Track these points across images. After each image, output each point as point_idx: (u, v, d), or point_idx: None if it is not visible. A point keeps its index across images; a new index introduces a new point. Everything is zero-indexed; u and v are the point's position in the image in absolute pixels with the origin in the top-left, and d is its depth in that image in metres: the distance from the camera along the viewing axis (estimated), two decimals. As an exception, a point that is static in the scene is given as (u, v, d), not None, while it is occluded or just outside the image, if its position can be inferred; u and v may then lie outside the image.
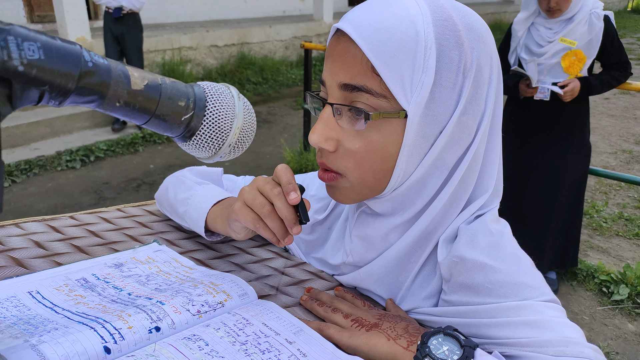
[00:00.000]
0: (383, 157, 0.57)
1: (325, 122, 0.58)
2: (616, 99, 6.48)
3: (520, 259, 0.59)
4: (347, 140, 0.57)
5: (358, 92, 0.55)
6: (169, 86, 0.46)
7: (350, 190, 0.60)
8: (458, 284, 0.59)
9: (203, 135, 0.51)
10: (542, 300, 0.56)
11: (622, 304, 2.42)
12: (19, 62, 0.34)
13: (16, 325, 0.55)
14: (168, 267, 0.74)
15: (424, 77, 0.53)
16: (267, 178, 0.63)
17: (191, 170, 0.87)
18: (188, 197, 0.79)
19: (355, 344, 0.57)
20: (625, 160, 4.44)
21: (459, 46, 0.54)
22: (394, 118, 0.55)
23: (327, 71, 0.58)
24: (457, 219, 0.61)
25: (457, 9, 0.56)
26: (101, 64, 0.40)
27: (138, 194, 3.66)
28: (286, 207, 0.59)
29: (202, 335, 0.57)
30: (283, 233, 0.61)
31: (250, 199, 0.61)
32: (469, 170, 0.59)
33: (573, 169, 2.32)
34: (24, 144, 4.40)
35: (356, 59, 0.54)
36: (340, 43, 0.56)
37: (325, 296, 0.68)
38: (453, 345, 0.51)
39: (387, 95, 0.54)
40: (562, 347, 0.52)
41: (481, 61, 0.56)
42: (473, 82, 0.56)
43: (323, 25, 8.29)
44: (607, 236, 3.08)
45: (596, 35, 2.12)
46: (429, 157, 0.57)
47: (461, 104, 0.56)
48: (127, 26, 4.65)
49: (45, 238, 0.80)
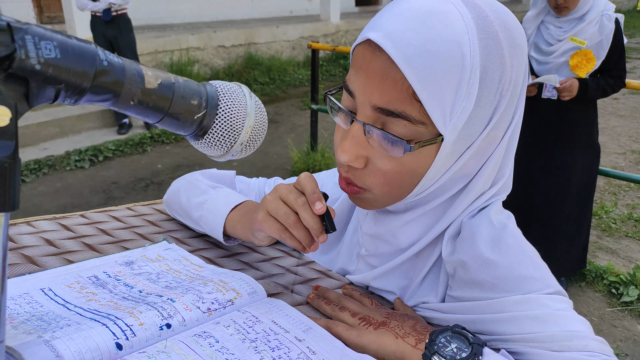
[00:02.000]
0: (412, 176, 0.56)
1: (355, 140, 0.55)
2: (625, 99, 6.42)
3: (523, 251, 0.59)
4: (377, 159, 0.56)
5: (395, 118, 0.52)
6: (182, 85, 0.47)
7: (373, 201, 0.60)
8: (463, 280, 0.59)
9: (215, 134, 0.51)
10: (546, 292, 0.55)
11: (631, 305, 2.40)
12: (36, 61, 0.35)
13: (29, 322, 0.55)
14: (178, 265, 0.74)
15: (465, 102, 0.51)
16: (289, 186, 0.62)
17: (203, 173, 0.86)
18: (202, 202, 0.78)
19: (363, 343, 0.57)
20: (635, 160, 4.41)
21: (501, 66, 0.52)
22: (432, 145, 0.53)
23: (359, 86, 0.54)
24: (463, 214, 0.62)
25: (501, 20, 0.52)
26: (116, 63, 0.41)
27: (146, 193, 3.68)
28: (312, 217, 0.58)
29: (213, 332, 0.58)
30: (309, 241, 0.60)
31: (274, 209, 0.61)
32: (488, 177, 0.60)
33: (582, 169, 2.31)
34: (33, 144, 4.44)
35: (396, 84, 0.50)
36: (378, 60, 0.51)
37: (332, 294, 0.68)
38: (461, 343, 0.51)
39: (425, 121, 0.51)
40: (566, 342, 0.51)
41: (518, 77, 0.55)
42: (508, 100, 0.55)
43: (330, 26, 8.30)
44: (616, 237, 3.06)
45: (606, 37, 2.11)
46: (453, 168, 0.57)
47: (494, 121, 0.55)
48: (119, 28, 4.58)
49: (57, 236, 0.80)
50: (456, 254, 0.59)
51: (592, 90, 2.15)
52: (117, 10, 4.53)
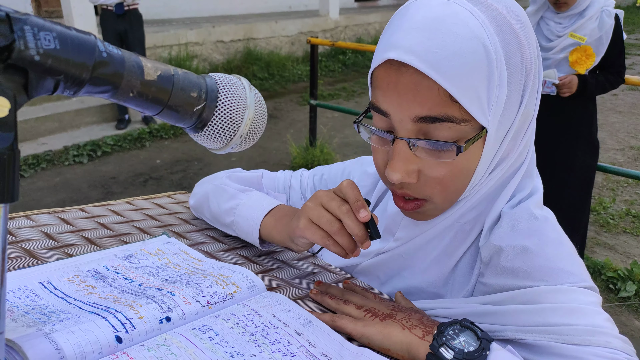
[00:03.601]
0: (466, 174, 0.57)
1: (404, 158, 0.55)
2: (624, 95, 6.43)
3: (562, 245, 0.59)
4: (429, 169, 0.56)
5: (439, 123, 0.53)
6: (181, 77, 0.47)
7: (434, 210, 0.61)
8: (497, 267, 0.60)
9: (215, 126, 0.51)
10: (579, 286, 0.56)
11: (629, 300, 2.41)
12: (35, 52, 0.35)
13: (29, 315, 0.55)
14: (177, 259, 0.74)
15: (498, 91, 0.53)
16: (330, 193, 0.62)
17: (230, 176, 0.85)
18: (234, 207, 0.77)
19: (369, 333, 0.57)
20: (633, 156, 4.41)
21: (520, 47, 0.54)
22: (478, 140, 0.55)
23: (392, 104, 0.54)
24: (499, 200, 0.62)
25: (504, 6, 0.54)
26: (115, 55, 0.41)
27: (145, 188, 3.67)
28: (357, 225, 0.58)
29: (212, 325, 0.58)
30: (353, 248, 0.61)
31: (317, 216, 0.61)
32: (521, 154, 0.61)
33: (581, 165, 2.31)
34: (31, 139, 4.43)
35: (431, 90, 0.51)
36: (405, 76, 0.52)
37: (335, 289, 0.68)
38: (469, 337, 0.51)
39: (468, 118, 0.53)
40: (588, 336, 0.51)
41: (534, 53, 0.56)
42: (533, 76, 0.56)
43: (329, 21, 8.27)
44: (614, 233, 3.07)
45: (606, 33, 2.11)
46: (498, 154, 0.58)
47: (525, 100, 0.56)
48: (130, 22, 4.61)
49: (56, 230, 0.80)
50: (493, 240, 0.60)
51: (591, 87, 2.15)
52: (129, 5, 4.56)
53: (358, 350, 0.56)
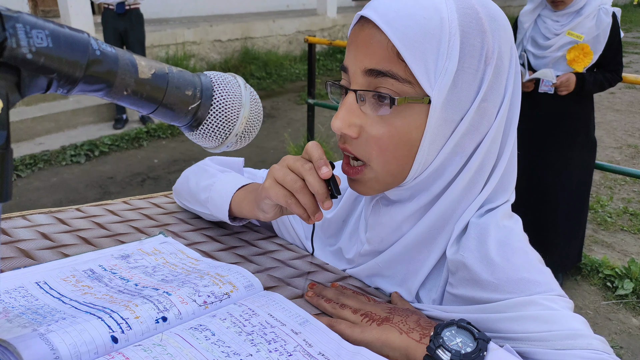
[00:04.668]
0: (406, 143, 0.57)
1: (348, 109, 0.58)
2: (622, 93, 6.44)
3: (527, 254, 0.59)
4: (370, 126, 0.58)
5: (383, 78, 0.55)
6: (176, 75, 0.46)
7: (374, 181, 0.61)
8: (465, 278, 0.59)
9: (210, 125, 0.51)
10: (549, 294, 0.55)
11: (626, 298, 2.42)
12: (28, 50, 0.34)
13: (24, 315, 0.55)
14: (174, 258, 0.74)
15: (447, 63, 0.54)
16: (297, 156, 0.63)
17: (212, 159, 0.89)
18: (211, 184, 0.80)
19: (368, 339, 0.57)
20: (631, 154, 4.42)
21: (481, 34, 0.55)
22: (417, 103, 0.55)
23: (351, 58, 0.58)
24: (468, 210, 0.61)
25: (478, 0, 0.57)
26: (109, 53, 0.40)
27: (142, 188, 3.67)
28: (318, 182, 0.60)
29: (209, 325, 0.57)
30: (314, 209, 0.62)
31: (281, 175, 0.62)
32: (487, 157, 0.60)
33: (578, 163, 2.31)
34: (28, 139, 4.42)
35: (381, 45, 0.55)
36: (365, 30, 0.56)
37: (330, 292, 0.67)
38: (466, 338, 0.50)
39: (411, 80, 0.55)
40: (569, 340, 0.52)
41: (502, 49, 0.57)
42: (494, 69, 0.57)
43: (327, 20, 8.27)
44: (611, 231, 3.07)
45: (603, 31, 2.11)
46: (449, 143, 0.58)
47: (482, 90, 0.56)
48: (131, 21, 4.62)
49: (52, 230, 0.80)
50: (460, 252, 0.60)
51: (589, 85, 2.15)
52: (130, 4, 4.55)
53: (355, 349, 0.56)
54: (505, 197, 0.63)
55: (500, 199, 0.63)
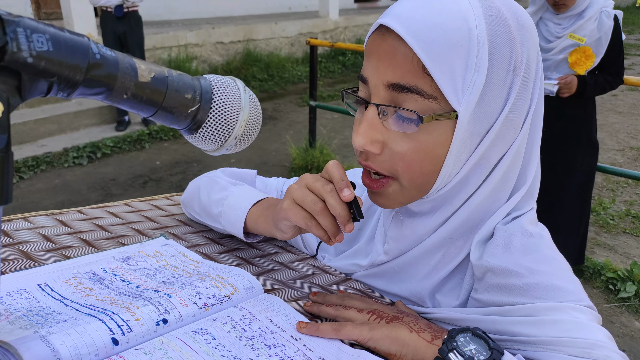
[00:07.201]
0: (432, 158, 0.55)
1: (370, 124, 0.55)
2: (624, 95, 6.43)
3: (558, 263, 0.57)
4: (394, 142, 0.55)
5: (407, 94, 0.52)
6: (175, 78, 0.46)
7: (398, 194, 0.58)
8: (491, 284, 0.58)
9: (209, 128, 0.51)
10: (578, 304, 0.54)
11: (628, 301, 2.41)
12: (28, 54, 0.35)
13: (26, 317, 0.55)
14: (175, 260, 0.74)
15: (476, 76, 0.51)
16: (316, 175, 0.61)
17: (224, 171, 0.85)
18: (223, 198, 0.77)
19: (377, 337, 0.55)
20: (633, 157, 4.41)
21: (510, 42, 0.52)
22: (445, 120, 0.53)
23: (371, 70, 0.55)
24: (494, 217, 0.60)
25: (505, 3, 0.54)
26: (109, 56, 0.41)
27: (144, 190, 3.67)
28: (340, 204, 0.57)
29: (210, 329, 0.58)
30: (335, 230, 0.59)
31: (301, 196, 0.60)
32: (511, 167, 0.58)
33: (580, 166, 2.31)
34: (31, 141, 4.43)
35: (406, 58, 0.51)
36: (387, 41, 0.53)
37: (333, 297, 0.65)
38: (480, 347, 0.49)
39: (437, 96, 0.52)
40: (587, 349, 0.50)
41: (530, 57, 0.55)
42: (522, 79, 0.54)
43: (329, 22, 8.28)
44: (614, 233, 3.06)
45: (605, 34, 2.11)
46: (474, 156, 0.56)
47: (510, 102, 0.54)
48: (130, 24, 4.62)
49: (54, 232, 0.80)
50: (486, 257, 0.58)
51: (590, 87, 2.15)
52: (128, 7, 4.55)
53: (355, 353, 0.56)
54: (530, 205, 0.62)
55: (526, 207, 0.61)
